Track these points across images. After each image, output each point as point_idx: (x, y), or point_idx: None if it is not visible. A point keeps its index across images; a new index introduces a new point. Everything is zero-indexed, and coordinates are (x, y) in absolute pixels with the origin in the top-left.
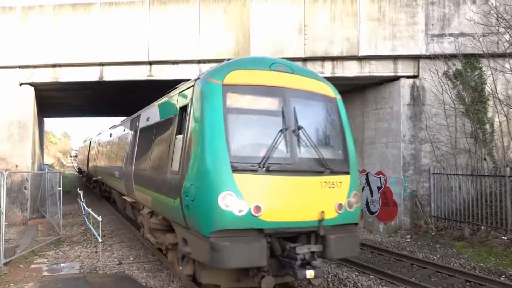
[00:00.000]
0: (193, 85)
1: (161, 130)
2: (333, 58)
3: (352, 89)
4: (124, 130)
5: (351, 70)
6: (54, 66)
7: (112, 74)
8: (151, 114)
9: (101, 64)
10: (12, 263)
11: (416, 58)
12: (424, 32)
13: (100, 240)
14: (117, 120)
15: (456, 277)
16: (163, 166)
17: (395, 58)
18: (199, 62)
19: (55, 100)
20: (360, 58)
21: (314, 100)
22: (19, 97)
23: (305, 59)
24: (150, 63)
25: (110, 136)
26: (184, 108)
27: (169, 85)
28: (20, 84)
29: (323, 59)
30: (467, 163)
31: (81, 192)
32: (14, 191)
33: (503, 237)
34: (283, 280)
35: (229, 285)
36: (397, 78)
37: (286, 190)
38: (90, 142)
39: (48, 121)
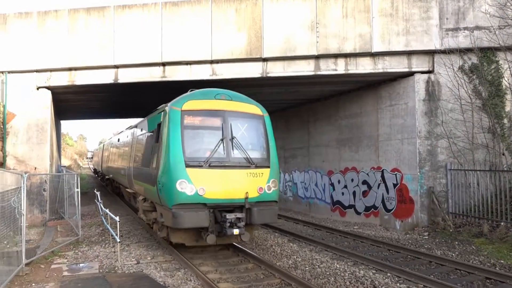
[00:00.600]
0: (164, 110)
1: (148, 139)
2: (346, 55)
3: (365, 86)
4: (127, 137)
5: (364, 66)
6: (70, 69)
7: (127, 76)
8: (143, 126)
9: (116, 67)
10: (33, 263)
11: (431, 53)
12: (438, 26)
13: (118, 240)
14: (132, 121)
15: (476, 275)
16: (148, 164)
17: (409, 53)
18: (211, 62)
19: (71, 103)
20: (373, 55)
21: (246, 118)
22: (36, 100)
23: (317, 57)
24: (164, 64)
25: (118, 141)
26: (159, 125)
27: (183, 86)
28: (38, 88)
29: (335, 56)
30: (485, 159)
31: (98, 193)
32: (33, 193)
33: None
34: (224, 241)
35: (191, 243)
36: (411, 73)
37: (222, 178)
38: (103, 145)
39: (65, 124)
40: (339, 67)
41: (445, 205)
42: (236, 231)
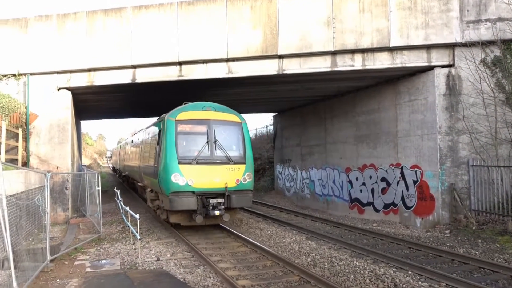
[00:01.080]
0: (163, 119)
1: (152, 142)
2: (363, 50)
3: (383, 81)
4: (138, 139)
5: (382, 62)
6: (89, 70)
7: (144, 76)
8: (149, 131)
9: (133, 67)
10: (57, 260)
11: (451, 46)
12: (459, 19)
13: (138, 238)
14: (149, 120)
15: (501, 273)
16: (152, 162)
17: (428, 47)
18: (227, 60)
19: (90, 103)
20: (391, 49)
21: (226, 125)
22: (57, 101)
23: (334, 53)
24: (180, 63)
25: (131, 142)
26: (160, 131)
27: (199, 85)
28: (58, 89)
29: (352, 51)
30: (509, 154)
31: (118, 192)
32: (56, 192)
33: None
34: (210, 222)
35: (185, 223)
36: (431, 68)
37: (207, 172)
38: (120, 146)
39: (85, 124)
40: (356, 63)
41: (467, 202)
42: (217, 213)
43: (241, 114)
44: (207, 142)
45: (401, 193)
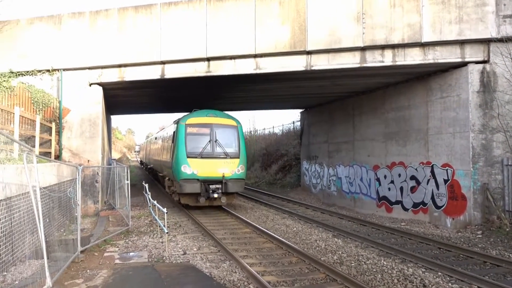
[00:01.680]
0: (177, 123)
1: (169, 140)
2: (393, 46)
3: (414, 78)
4: (159, 137)
5: (413, 57)
6: (120, 66)
7: (173, 72)
8: (168, 131)
9: (162, 63)
10: (87, 251)
11: (486, 41)
12: (494, 13)
13: (166, 231)
14: (177, 115)
15: None
16: (169, 157)
17: (462, 42)
18: (255, 56)
19: (120, 98)
20: (423, 45)
21: (225, 128)
22: (89, 96)
23: (363, 49)
24: (208, 59)
25: (155, 139)
26: (174, 132)
27: (227, 80)
28: (90, 84)
29: (383, 47)
30: None
31: (146, 185)
32: (86, 184)
33: None
34: (212, 203)
35: (192, 204)
36: (464, 64)
37: (209, 164)
38: (146, 142)
39: (114, 118)
40: (386, 59)
41: (501, 202)
42: (215, 195)
43: (268, 110)
44: (209, 141)
45: (431, 192)
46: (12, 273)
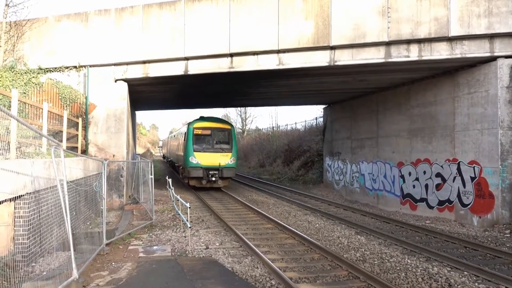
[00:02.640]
0: (187, 125)
1: (182, 138)
2: (419, 41)
3: (440, 73)
4: (176, 135)
5: (440, 52)
6: (144, 62)
7: (196, 68)
8: (182, 130)
9: (186, 59)
10: (112, 244)
11: None
12: None
13: (188, 226)
14: (201, 111)
15: None
16: (182, 151)
17: (491, 36)
18: (278, 52)
19: (144, 94)
20: (450, 39)
21: (221, 130)
22: (114, 92)
23: (388, 43)
24: (231, 55)
25: (174, 136)
26: (185, 133)
27: (250, 76)
28: (115, 80)
29: (408, 42)
30: None
31: (169, 180)
32: (112, 179)
33: None
34: (211, 185)
35: (197, 185)
36: (493, 58)
37: (209, 156)
38: (168, 138)
39: (139, 114)
40: (412, 54)
41: None
42: (213, 179)
43: (290, 106)
44: (210, 140)
45: (457, 190)
46: (40, 264)
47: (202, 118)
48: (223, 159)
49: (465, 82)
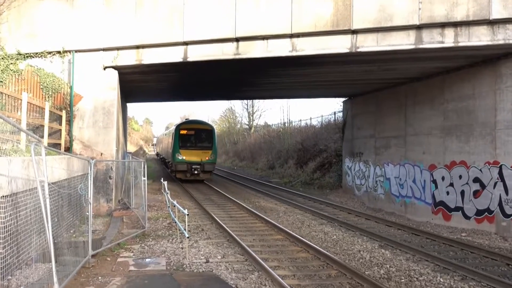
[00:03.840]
0: (174, 126)
1: (171, 137)
2: (455, 24)
3: (480, 62)
4: (167, 134)
5: (479, 37)
6: (137, 47)
7: (196, 54)
8: (171, 130)
9: (185, 43)
10: (99, 255)
11: None
12: None
13: (186, 236)
14: (201, 104)
15: None
16: (171, 148)
17: None
18: (291, 36)
19: (137, 84)
20: (491, 22)
21: (203, 131)
22: (103, 81)
23: (419, 27)
24: (237, 39)
25: (165, 135)
26: (174, 132)
27: (258, 64)
28: (104, 68)
29: (442, 25)
30: None
31: (165, 183)
32: (99, 181)
33: None
34: (194, 178)
35: (183, 178)
36: None
37: (192, 153)
38: (160, 136)
39: (130, 107)
40: (447, 39)
41: None
42: (196, 172)
43: (304, 99)
44: (194, 139)
45: (498, 198)
46: (17, 277)
47: (188, 121)
48: (204, 155)
49: (509, 73)
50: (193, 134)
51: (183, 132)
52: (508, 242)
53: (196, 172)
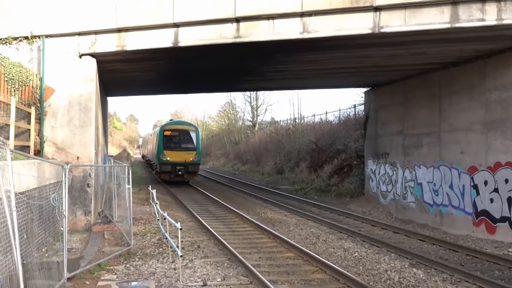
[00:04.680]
0: (159, 127)
1: (155, 139)
2: None
3: None
4: (153, 134)
5: None
6: (119, 30)
7: (189, 38)
8: (156, 131)
9: (176, 25)
10: (76, 278)
11: None
12: None
13: (179, 254)
14: (196, 97)
15: None
16: (155, 149)
17: None
18: (302, 15)
19: (120, 74)
20: None
21: (187, 132)
22: (79, 71)
23: (455, 2)
24: (237, 20)
25: (150, 135)
26: (158, 133)
27: (262, 49)
28: (80, 56)
29: (483, 0)
30: None
31: (153, 191)
32: (75, 189)
33: None
34: (178, 178)
35: (167, 179)
36: None
37: (177, 154)
38: (146, 137)
39: (112, 101)
40: (488, 16)
41: None
42: (180, 173)
43: (317, 89)
44: (178, 140)
45: None
46: None
47: (172, 122)
48: (188, 156)
49: None
50: (177, 135)
51: (167, 133)
52: None
53: (180, 173)
